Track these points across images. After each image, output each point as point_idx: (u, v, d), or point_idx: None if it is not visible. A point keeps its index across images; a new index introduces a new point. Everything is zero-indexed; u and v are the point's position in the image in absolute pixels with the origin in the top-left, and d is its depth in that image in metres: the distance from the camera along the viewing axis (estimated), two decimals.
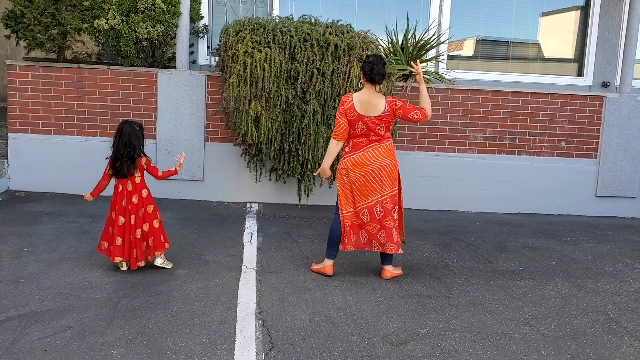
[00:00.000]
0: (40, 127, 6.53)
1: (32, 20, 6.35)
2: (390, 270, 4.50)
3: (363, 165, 4.32)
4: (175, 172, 4.48)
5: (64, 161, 6.56)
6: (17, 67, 6.46)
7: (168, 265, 4.42)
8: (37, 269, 4.28)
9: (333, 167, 6.19)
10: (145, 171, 4.34)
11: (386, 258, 4.50)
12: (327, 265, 4.47)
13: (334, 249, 4.47)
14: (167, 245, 4.41)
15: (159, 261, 4.34)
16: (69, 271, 4.27)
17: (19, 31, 6.37)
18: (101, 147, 6.46)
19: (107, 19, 6.18)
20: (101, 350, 3.14)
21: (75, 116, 6.54)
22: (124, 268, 4.31)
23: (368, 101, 4.27)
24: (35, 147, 6.54)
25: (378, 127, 4.29)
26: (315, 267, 4.56)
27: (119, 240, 4.22)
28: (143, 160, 4.29)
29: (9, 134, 6.54)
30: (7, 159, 6.56)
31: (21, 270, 4.23)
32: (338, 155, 5.50)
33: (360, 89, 4.43)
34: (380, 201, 4.36)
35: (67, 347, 3.15)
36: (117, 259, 4.24)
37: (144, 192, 4.30)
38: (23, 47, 6.59)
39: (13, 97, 6.48)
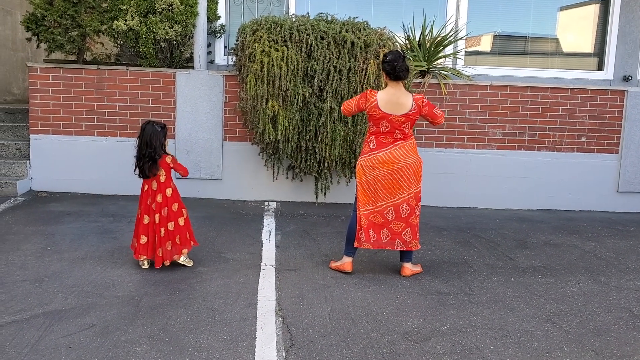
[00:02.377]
0: (61, 128, 6.62)
1: (53, 22, 6.44)
2: (409, 268, 4.48)
3: (391, 163, 4.28)
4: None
5: (85, 162, 6.65)
6: (38, 69, 6.55)
7: (189, 263, 4.45)
8: (60, 267, 4.34)
9: (352, 164, 6.22)
10: (172, 169, 4.35)
11: (406, 255, 4.48)
12: (346, 262, 4.47)
13: (352, 247, 4.47)
14: (192, 243, 4.45)
15: (181, 258, 4.38)
16: (92, 270, 4.32)
17: (40, 34, 6.47)
18: (121, 148, 6.54)
19: (126, 20, 6.24)
20: (124, 348, 3.18)
21: (95, 117, 6.62)
22: (145, 266, 4.35)
23: (395, 100, 4.22)
24: (56, 148, 6.63)
25: (403, 125, 4.25)
26: (334, 264, 4.56)
27: (143, 239, 4.27)
28: (168, 159, 4.31)
29: (30, 135, 6.64)
30: (29, 160, 6.67)
31: (45, 269, 4.30)
32: (356, 151, 5.46)
33: (383, 86, 4.37)
34: (407, 199, 4.33)
35: (91, 345, 3.20)
36: (141, 257, 4.30)
37: (169, 191, 4.32)
38: (44, 50, 6.70)
39: (34, 98, 6.58)
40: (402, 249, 4.42)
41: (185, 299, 3.85)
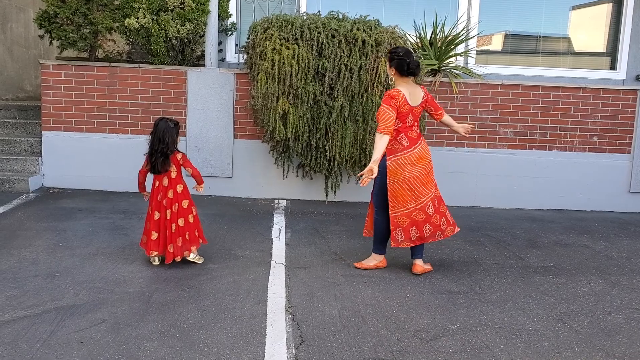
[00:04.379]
0: (73, 125, 6.67)
1: (65, 20, 6.48)
2: (421, 265, 4.49)
3: (424, 158, 4.39)
4: (199, 184, 4.50)
5: (96, 158, 6.69)
6: (51, 66, 6.60)
7: (199, 260, 4.47)
8: (71, 263, 4.37)
9: (362, 162, 6.19)
10: (182, 167, 4.38)
11: (417, 251, 4.50)
12: (382, 260, 4.60)
13: (382, 246, 4.57)
14: (201, 241, 4.47)
15: (191, 255, 4.40)
16: (103, 266, 4.35)
17: (52, 31, 6.50)
18: (132, 145, 6.58)
19: (138, 18, 6.27)
20: (135, 343, 3.20)
21: (107, 114, 6.66)
22: (156, 263, 4.38)
23: (413, 92, 4.36)
24: (68, 144, 6.68)
25: (420, 116, 4.43)
26: (365, 264, 4.57)
27: (154, 235, 4.30)
28: (179, 156, 4.34)
29: (42, 132, 6.69)
30: (41, 156, 6.72)
31: (56, 264, 4.33)
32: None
33: (393, 84, 4.45)
34: (436, 191, 4.49)
35: (102, 340, 3.22)
36: (153, 253, 4.32)
37: (179, 188, 4.35)
38: (56, 47, 6.73)
39: (47, 95, 6.62)
40: (440, 239, 4.53)
41: (196, 296, 3.87)
